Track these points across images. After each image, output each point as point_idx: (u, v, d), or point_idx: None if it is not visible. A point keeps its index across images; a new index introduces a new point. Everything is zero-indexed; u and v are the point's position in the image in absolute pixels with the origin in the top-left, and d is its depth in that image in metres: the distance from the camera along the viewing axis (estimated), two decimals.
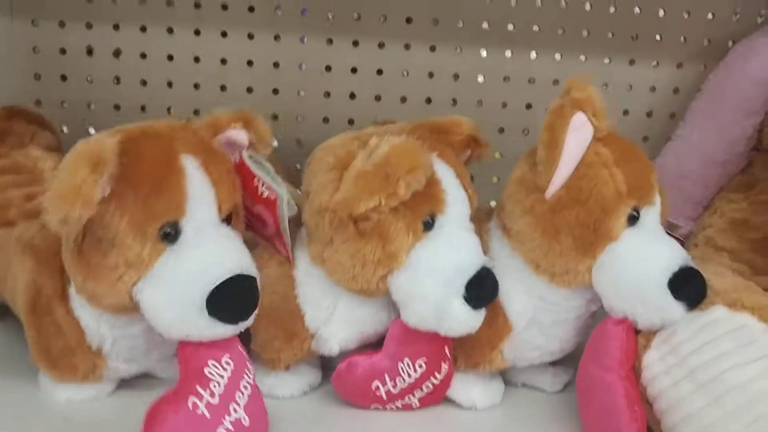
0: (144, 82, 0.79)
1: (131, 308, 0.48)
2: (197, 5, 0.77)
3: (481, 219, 0.57)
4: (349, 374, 0.55)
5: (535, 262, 0.54)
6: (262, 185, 0.52)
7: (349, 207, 0.49)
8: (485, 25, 0.79)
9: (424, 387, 0.56)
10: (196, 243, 0.47)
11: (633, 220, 0.53)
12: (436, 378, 0.55)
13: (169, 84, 0.79)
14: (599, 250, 0.52)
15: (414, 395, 0.56)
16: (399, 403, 0.57)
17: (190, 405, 0.46)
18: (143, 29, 0.77)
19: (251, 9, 0.77)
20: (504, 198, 0.56)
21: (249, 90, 0.80)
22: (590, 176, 0.52)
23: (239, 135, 0.52)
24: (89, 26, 0.77)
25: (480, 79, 0.80)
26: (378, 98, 0.80)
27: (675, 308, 0.50)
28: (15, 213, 0.59)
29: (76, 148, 0.44)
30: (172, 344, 0.50)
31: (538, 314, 0.56)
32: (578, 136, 0.52)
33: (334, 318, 0.55)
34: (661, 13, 0.80)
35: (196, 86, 0.79)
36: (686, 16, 0.80)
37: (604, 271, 0.52)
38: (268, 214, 0.53)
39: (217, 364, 0.48)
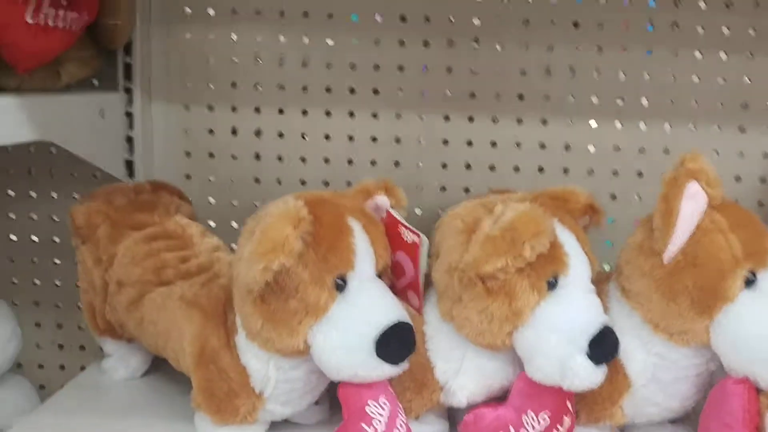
0: (280, 158, 0.87)
1: (303, 351, 0.55)
2: (328, 89, 0.85)
3: (599, 281, 0.61)
4: (476, 425, 0.59)
5: (654, 321, 0.57)
6: (406, 230, 0.58)
7: (477, 267, 0.54)
8: (595, 99, 0.84)
9: None
10: (361, 293, 0.54)
11: (750, 283, 0.55)
12: (558, 430, 0.58)
13: (303, 159, 0.87)
14: (716, 310, 0.55)
15: None
16: None
17: None
18: (281, 111, 0.86)
19: (376, 91, 0.85)
20: (622, 262, 0.60)
21: (373, 163, 0.87)
22: (706, 241, 0.55)
23: (383, 200, 0.61)
24: (234, 109, 0.87)
25: (591, 149, 0.84)
26: (492, 168, 0.86)
27: None
28: (172, 273, 0.67)
29: (276, 208, 0.53)
30: (321, 390, 0.56)
31: (658, 372, 0.58)
32: (692, 203, 0.55)
33: (463, 371, 0.59)
34: None
35: (326, 161, 0.87)
36: None
37: (721, 331, 0.55)
38: (408, 260, 0.58)
39: (375, 404, 0.53)
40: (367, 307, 0.54)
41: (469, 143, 0.85)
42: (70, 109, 0.76)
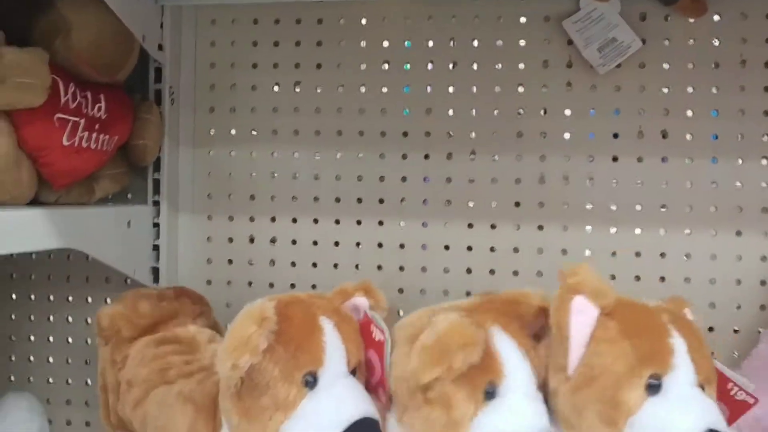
0: (294, 264, 0.93)
1: None
2: (337, 200, 0.92)
3: None
4: None
5: None
6: (376, 329, 0.62)
7: (416, 378, 0.56)
8: (589, 206, 0.87)
9: None
10: (330, 390, 0.57)
11: (654, 389, 0.55)
12: None
13: (314, 265, 0.93)
14: (622, 424, 0.55)
15: None
16: None
17: None
18: (294, 221, 0.93)
19: (381, 201, 0.91)
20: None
21: (379, 267, 0.91)
22: (599, 352, 0.56)
23: (362, 301, 0.65)
24: (252, 219, 0.94)
25: (587, 253, 0.87)
26: (492, 272, 0.89)
27: None
28: (174, 373, 0.72)
29: (244, 310, 0.57)
30: None
31: None
32: (580, 317, 0.57)
33: None
34: (765, 184, 0.84)
35: (335, 266, 0.92)
36: None
37: None
38: (377, 357, 0.61)
39: None
40: (334, 403, 0.57)
41: (469, 248, 0.89)
42: (100, 220, 0.84)
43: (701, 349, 0.57)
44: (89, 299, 0.97)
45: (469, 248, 0.89)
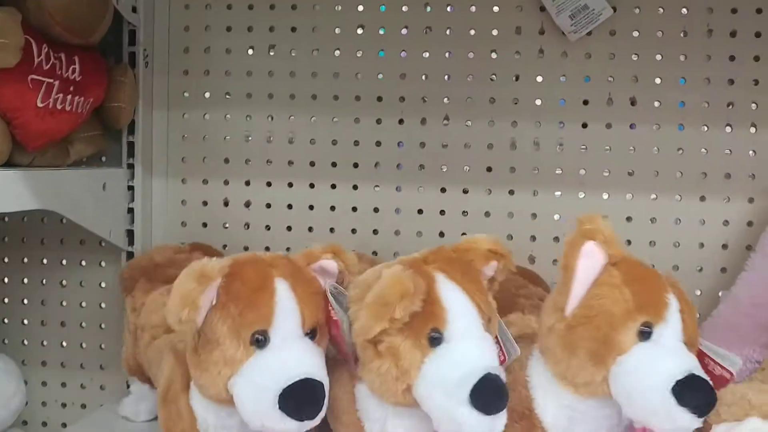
0: (268, 227, 0.94)
1: (227, 400, 0.59)
2: (312, 163, 0.93)
3: (533, 341, 0.64)
4: None
5: (561, 374, 0.60)
6: (332, 309, 0.62)
7: (365, 333, 0.58)
8: (559, 171, 0.89)
9: None
10: (279, 350, 0.58)
11: (645, 335, 0.57)
12: None
13: (288, 228, 0.94)
14: (611, 362, 0.57)
15: None
16: None
17: None
18: (268, 184, 0.94)
19: (356, 165, 0.92)
20: (539, 320, 0.63)
21: (353, 231, 0.93)
22: (600, 295, 0.59)
23: (329, 264, 0.65)
24: (226, 183, 0.94)
25: (556, 217, 0.89)
26: (464, 236, 0.90)
27: (681, 415, 0.53)
28: None
29: (188, 267, 0.58)
30: None
31: (572, 424, 0.60)
32: (588, 261, 0.59)
33: (390, 428, 0.62)
34: (728, 151, 0.86)
35: (310, 229, 0.93)
36: (753, 154, 0.86)
37: (616, 383, 0.57)
38: (336, 332, 0.62)
39: None
40: (278, 363, 0.57)
41: (442, 212, 0.91)
42: (75, 182, 0.84)
43: (692, 314, 0.60)
44: (64, 261, 0.97)
45: (442, 212, 0.91)
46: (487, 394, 0.54)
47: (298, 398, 0.55)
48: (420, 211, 0.91)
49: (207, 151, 0.94)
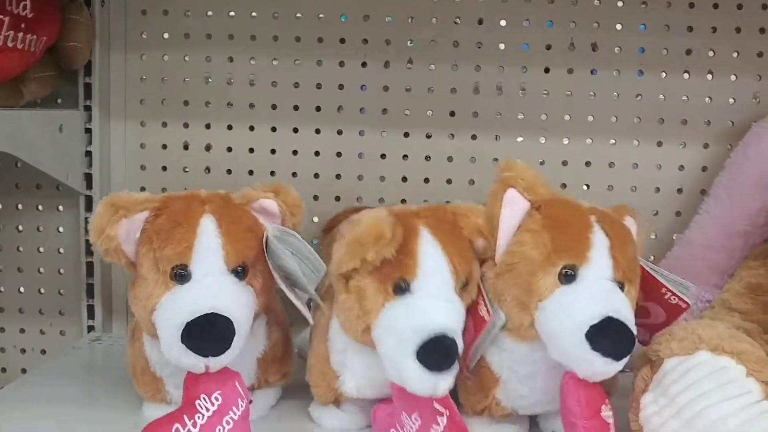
0: (229, 171, 0.93)
1: (155, 334, 0.59)
2: (273, 107, 0.92)
3: None
4: (375, 420, 0.63)
5: None
6: (266, 252, 0.62)
7: (339, 267, 0.59)
8: (521, 116, 0.90)
9: None
10: (195, 285, 0.58)
11: (568, 278, 0.58)
12: (438, 425, 0.57)
13: (250, 172, 0.93)
14: (533, 307, 0.58)
15: None
16: None
17: (173, 430, 0.55)
18: (229, 127, 0.92)
19: (318, 108, 0.91)
20: None
21: (316, 176, 0.92)
22: (521, 242, 0.60)
23: (269, 204, 0.63)
24: (186, 126, 0.93)
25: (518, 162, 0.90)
26: (427, 181, 0.91)
27: (595, 360, 0.54)
28: None
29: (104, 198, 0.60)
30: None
31: (514, 366, 0.62)
32: (510, 208, 0.60)
33: (348, 362, 0.63)
34: (685, 98, 0.88)
35: (273, 173, 0.93)
36: (708, 101, 0.88)
37: (540, 327, 0.58)
38: None
39: (207, 398, 0.55)
40: (188, 297, 0.57)
41: (405, 157, 0.91)
42: (30, 123, 0.82)
43: (625, 250, 0.60)
44: (20, 206, 0.95)
45: (405, 157, 0.91)
46: (435, 352, 0.54)
47: (199, 333, 0.55)
48: (383, 156, 0.91)
49: (166, 93, 0.92)
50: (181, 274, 0.58)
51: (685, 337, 0.58)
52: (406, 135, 0.91)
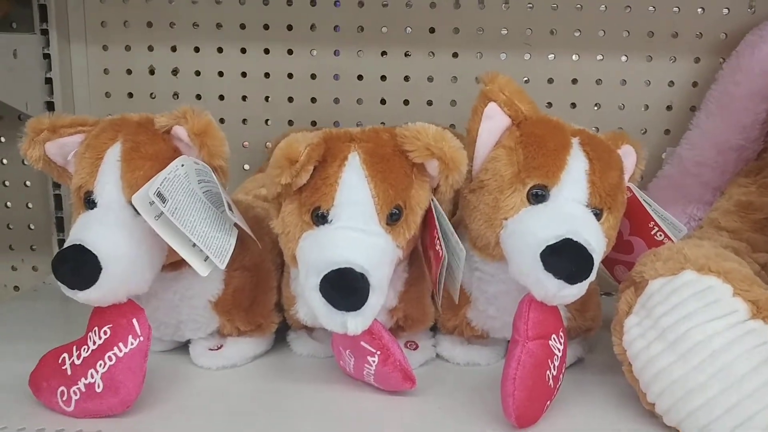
0: (199, 97, 0.89)
1: None
2: (242, 26, 0.86)
3: None
4: (333, 350, 0.61)
5: (470, 239, 0.59)
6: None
7: (268, 193, 0.57)
8: (504, 32, 0.85)
9: (365, 371, 0.57)
10: (94, 215, 0.55)
11: (538, 198, 0.55)
12: (370, 365, 0.56)
13: (221, 97, 0.89)
14: (498, 225, 0.56)
15: (364, 375, 0.58)
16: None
17: (60, 358, 0.54)
18: (197, 50, 0.88)
19: (290, 27, 0.86)
20: None
21: (290, 100, 0.88)
22: (495, 158, 0.57)
23: (180, 131, 0.58)
24: (151, 49, 0.88)
25: None
26: (406, 102, 0.87)
27: (547, 281, 0.51)
28: None
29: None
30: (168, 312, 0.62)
31: (482, 285, 0.60)
32: (490, 124, 0.57)
33: (300, 290, 0.59)
34: (676, 9, 0.83)
35: (244, 98, 0.88)
36: (701, 11, 0.83)
37: (504, 245, 0.56)
38: None
39: (97, 331, 0.53)
40: (78, 228, 0.54)
41: (383, 78, 0.87)
42: None
43: (605, 175, 0.57)
44: None
45: (383, 78, 0.87)
46: (335, 289, 0.50)
47: (64, 266, 0.52)
48: (360, 77, 0.87)
49: (128, 14, 0.87)
50: (92, 201, 0.56)
51: (670, 257, 0.55)
52: (384, 54, 0.86)
